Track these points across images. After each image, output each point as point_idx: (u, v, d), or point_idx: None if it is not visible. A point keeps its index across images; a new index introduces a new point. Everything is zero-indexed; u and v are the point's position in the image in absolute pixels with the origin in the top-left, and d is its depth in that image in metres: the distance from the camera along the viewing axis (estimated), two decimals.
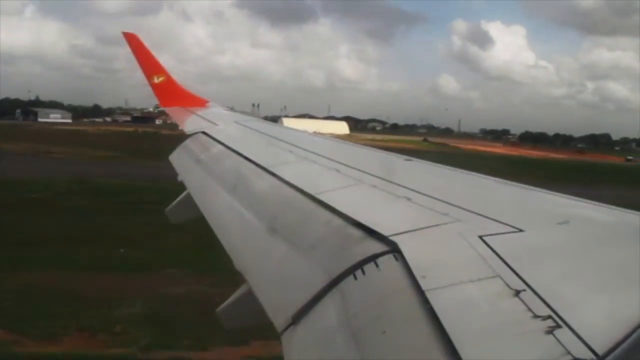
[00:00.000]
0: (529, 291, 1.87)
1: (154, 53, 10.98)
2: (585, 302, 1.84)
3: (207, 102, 10.90)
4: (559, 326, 1.62)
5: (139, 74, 10.84)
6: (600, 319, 1.70)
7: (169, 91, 10.72)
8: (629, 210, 2.89)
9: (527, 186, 3.64)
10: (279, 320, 2.40)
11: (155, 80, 10.75)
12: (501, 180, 3.83)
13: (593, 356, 1.48)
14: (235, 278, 3.23)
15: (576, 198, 3.29)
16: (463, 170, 4.25)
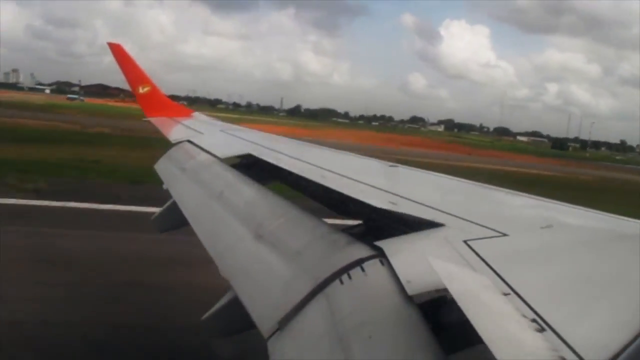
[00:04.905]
0: (513, 295, 1.88)
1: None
2: (569, 305, 1.85)
3: (192, 112, 10.89)
4: (543, 329, 1.63)
5: (108, 59, 10.78)
6: (584, 322, 1.72)
7: (154, 101, 10.64)
8: (611, 215, 2.94)
9: (511, 191, 3.67)
10: (265, 326, 2.40)
11: (141, 91, 10.67)
12: (485, 185, 3.86)
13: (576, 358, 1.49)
14: None
15: (559, 202, 3.32)
16: (448, 176, 4.28)
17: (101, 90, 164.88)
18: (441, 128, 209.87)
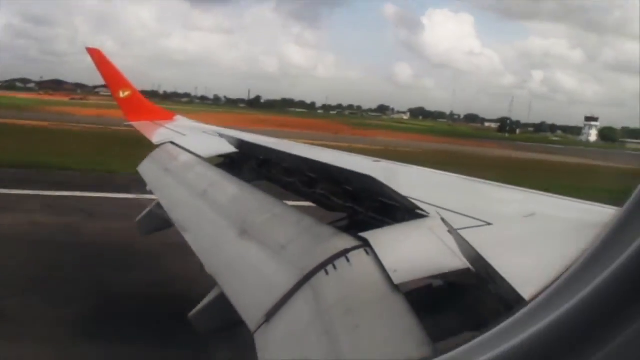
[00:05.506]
0: (499, 281, 1.89)
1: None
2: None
3: (174, 115, 10.82)
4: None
5: (88, 59, 10.63)
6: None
7: (136, 105, 10.54)
8: (589, 202, 3.02)
9: (494, 182, 3.73)
10: (251, 319, 2.39)
11: (121, 95, 10.57)
12: (469, 177, 3.91)
13: None
14: None
15: (542, 193, 3.39)
16: (431, 170, 4.33)
17: (56, 86, 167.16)
18: (407, 116, 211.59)
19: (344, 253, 2.37)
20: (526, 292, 1.75)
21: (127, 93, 10.61)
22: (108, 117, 48.26)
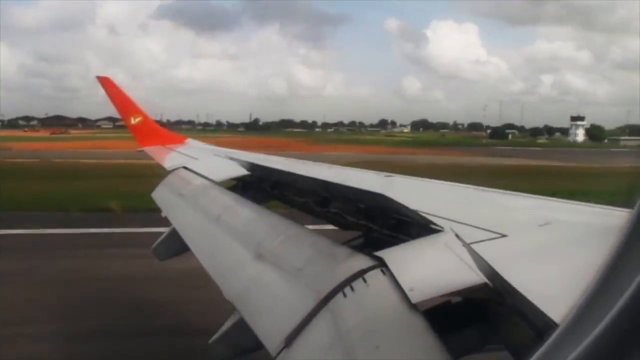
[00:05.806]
0: (518, 296, 1.89)
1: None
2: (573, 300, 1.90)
3: (185, 139, 10.99)
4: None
5: (103, 91, 10.94)
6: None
7: (147, 131, 10.66)
8: (607, 207, 2.90)
9: (505, 191, 3.70)
10: (272, 344, 2.41)
11: (133, 122, 10.72)
12: (479, 187, 3.87)
13: None
14: None
15: (555, 199, 3.35)
16: (442, 182, 4.32)
17: (56, 122, 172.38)
18: (408, 129, 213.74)
19: (361, 274, 2.38)
20: (545, 307, 1.75)
21: (138, 119, 10.76)
22: (46, 150, 54.24)
